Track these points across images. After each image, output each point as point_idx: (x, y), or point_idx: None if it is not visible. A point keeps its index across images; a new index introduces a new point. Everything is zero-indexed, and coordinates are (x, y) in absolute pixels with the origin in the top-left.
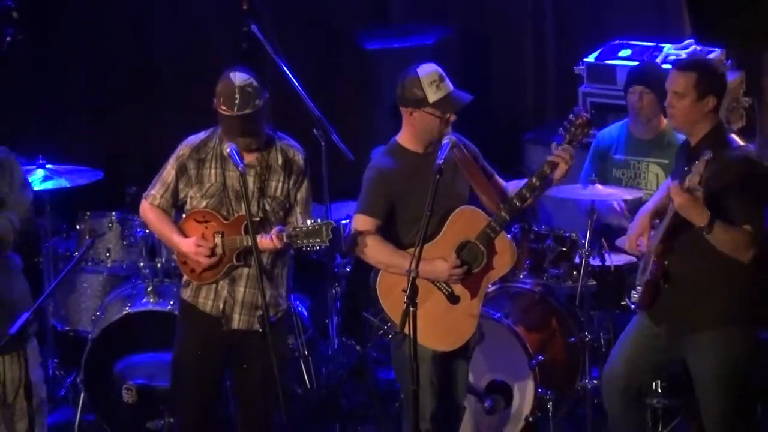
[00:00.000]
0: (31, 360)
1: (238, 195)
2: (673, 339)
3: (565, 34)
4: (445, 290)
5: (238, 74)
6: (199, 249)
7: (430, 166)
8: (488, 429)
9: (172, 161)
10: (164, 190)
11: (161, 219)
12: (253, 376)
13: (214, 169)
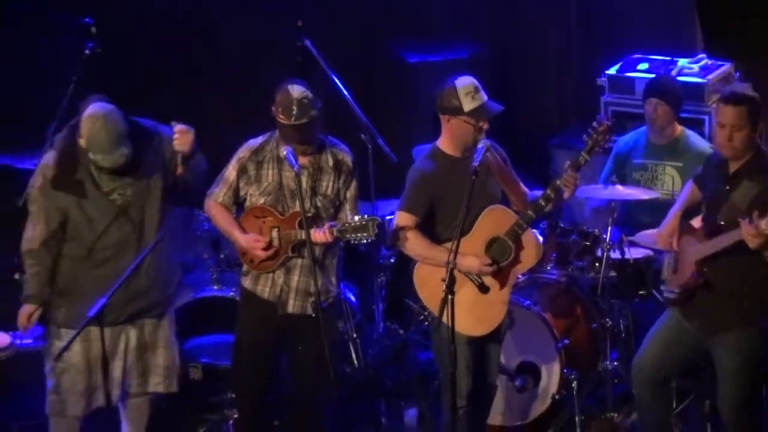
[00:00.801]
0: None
1: (293, 193)
2: (703, 335)
3: (588, 48)
4: (476, 281)
5: (296, 87)
6: (256, 244)
7: (466, 168)
8: (518, 406)
9: (233, 162)
10: (226, 189)
11: (223, 215)
12: (307, 357)
13: (271, 170)
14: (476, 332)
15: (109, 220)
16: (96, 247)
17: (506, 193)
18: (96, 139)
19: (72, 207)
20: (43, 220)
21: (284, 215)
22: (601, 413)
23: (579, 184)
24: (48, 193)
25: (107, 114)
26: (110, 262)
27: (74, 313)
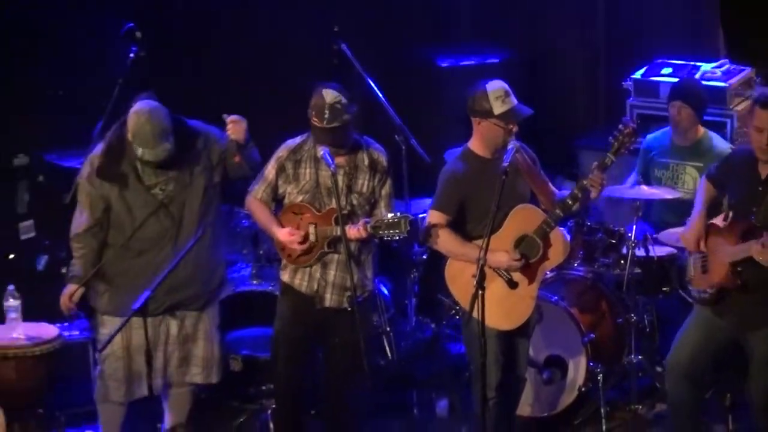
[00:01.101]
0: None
1: (329, 191)
2: (738, 330)
3: (615, 53)
4: (505, 277)
5: (330, 91)
6: (292, 237)
7: (496, 169)
8: (546, 398)
9: (272, 161)
10: (265, 186)
11: (263, 210)
12: (342, 349)
13: (309, 169)
14: (505, 326)
15: (148, 212)
16: (135, 238)
17: (535, 193)
18: (140, 133)
19: (114, 197)
20: (88, 207)
21: (321, 212)
22: (626, 405)
23: (605, 184)
24: (93, 182)
25: (152, 110)
26: (148, 253)
27: (116, 300)
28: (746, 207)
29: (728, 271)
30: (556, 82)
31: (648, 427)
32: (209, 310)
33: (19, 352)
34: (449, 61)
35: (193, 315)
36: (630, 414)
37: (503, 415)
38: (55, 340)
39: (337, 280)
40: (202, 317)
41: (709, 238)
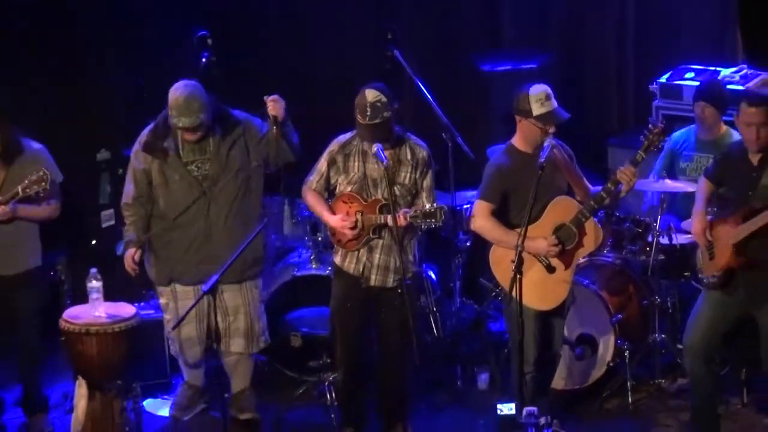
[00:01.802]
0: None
1: (375, 182)
2: (748, 305)
3: (643, 59)
4: (544, 262)
5: (371, 91)
6: (344, 223)
7: (536, 164)
8: (578, 372)
9: (325, 155)
10: (319, 177)
11: (316, 199)
12: (391, 325)
13: (357, 162)
14: (543, 307)
15: (183, 187)
16: (171, 210)
17: (571, 186)
18: (175, 103)
19: (155, 170)
20: (133, 179)
21: (367, 201)
22: (650, 379)
23: (636, 179)
24: (139, 156)
25: (186, 84)
26: (184, 226)
27: (163, 271)
28: (745, 193)
29: (732, 252)
30: (589, 85)
31: (670, 400)
32: (248, 284)
33: (100, 329)
34: (491, 66)
35: (232, 288)
36: (654, 387)
37: (539, 388)
38: (132, 318)
39: (381, 263)
40: (242, 291)
41: (714, 229)
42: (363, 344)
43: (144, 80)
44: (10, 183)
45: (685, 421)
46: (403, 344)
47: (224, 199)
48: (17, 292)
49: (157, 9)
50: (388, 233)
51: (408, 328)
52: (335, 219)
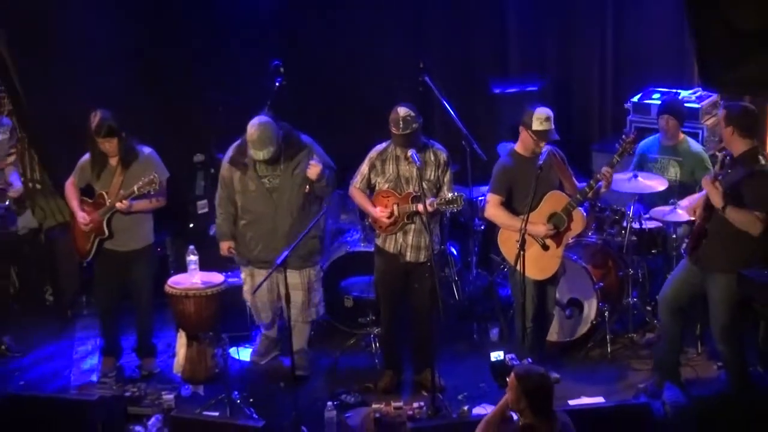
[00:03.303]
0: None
1: (406, 180)
2: (702, 274)
3: (619, 82)
4: (540, 242)
5: (402, 108)
6: (382, 214)
7: (534, 165)
8: (568, 328)
9: (366, 161)
10: (361, 178)
11: (360, 196)
12: (422, 291)
13: (392, 165)
14: (539, 277)
15: (256, 195)
16: (246, 212)
17: (563, 183)
18: (251, 138)
19: (236, 179)
20: (222, 185)
21: (401, 195)
22: (625, 333)
23: (611, 179)
24: (225, 167)
25: (261, 123)
26: (253, 225)
27: (241, 258)
28: None
29: (700, 222)
30: (577, 103)
31: (641, 350)
32: (307, 270)
33: (197, 293)
34: (501, 88)
35: (294, 273)
36: (628, 340)
37: (537, 340)
38: (221, 284)
39: (414, 243)
40: (302, 275)
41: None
42: (400, 306)
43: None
44: (127, 183)
45: (653, 367)
46: (431, 306)
47: (288, 206)
48: (135, 264)
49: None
50: (419, 219)
51: (435, 293)
52: (376, 211)
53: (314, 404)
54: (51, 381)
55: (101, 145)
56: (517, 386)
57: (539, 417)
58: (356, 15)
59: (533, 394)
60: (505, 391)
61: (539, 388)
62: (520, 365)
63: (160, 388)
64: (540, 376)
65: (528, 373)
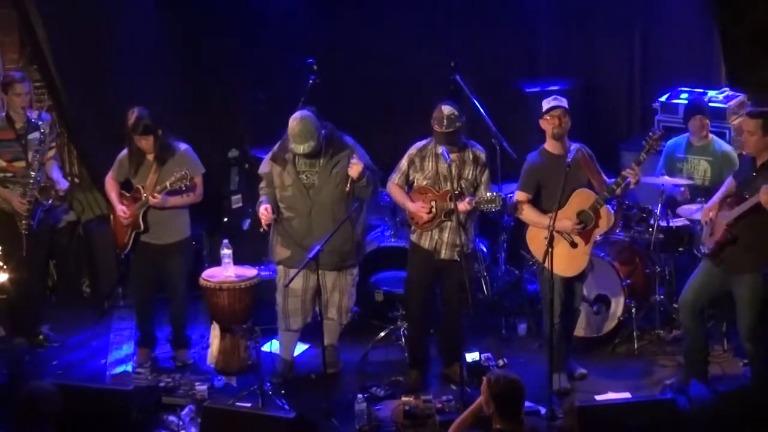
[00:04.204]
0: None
1: (445, 177)
2: (727, 275)
3: (648, 81)
4: (568, 239)
5: (446, 107)
6: (422, 210)
7: (562, 163)
8: (595, 324)
9: (405, 157)
10: (400, 174)
11: (399, 191)
12: (453, 287)
13: (431, 162)
14: (567, 273)
15: (294, 191)
16: (284, 207)
17: (591, 180)
18: (292, 131)
19: (276, 174)
20: (265, 179)
21: (439, 192)
22: (651, 330)
23: (639, 175)
24: (267, 162)
25: (302, 116)
26: (292, 221)
27: (275, 256)
28: (744, 188)
29: (725, 230)
30: (605, 102)
31: (667, 346)
32: (344, 272)
33: (231, 286)
34: (531, 88)
35: (331, 274)
36: (654, 336)
37: (564, 336)
38: (254, 278)
39: (449, 240)
40: (339, 276)
41: (718, 213)
42: (428, 305)
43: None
44: (162, 179)
45: (679, 363)
46: (461, 300)
47: (323, 204)
48: (171, 257)
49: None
50: (455, 217)
51: (465, 288)
52: (415, 206)
53: (344, 396)
54: (88, 370)
55: (138, 141)
56: (486, 390)
57: (506, 421)
58: (389, 15)
59: (500, 398)
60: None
61: (506, 393)
62: (494, 370)
63: (193, 378)
64: (508, 381)
65: (498, 378)
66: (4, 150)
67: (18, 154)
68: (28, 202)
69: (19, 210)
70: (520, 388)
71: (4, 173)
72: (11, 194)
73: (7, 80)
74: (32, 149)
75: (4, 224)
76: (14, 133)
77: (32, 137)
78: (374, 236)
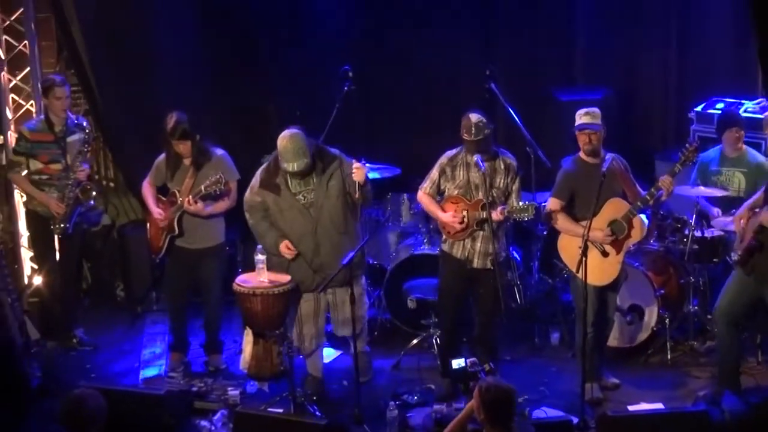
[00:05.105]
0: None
1: (476, 186)
2: (758, 283)
3: (683, 91)
4: (599, 248)
5: (474, 114)
6: (453, 219)
7: (597, 172)
8: (628, 334)
9: (436, 166)
10: (431, 183)
11: (430, 201)
12: (486, 296)
13: (462, 171)
14: (597, 283)
15: (294, 213)
16: (286, 232)
17: (625, 190)
18: (283, 150)
19: (270, 202)
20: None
21: (471, 201)
22: (685, 341)
23: (673, 187)
24: (255, 191)
25: (292, 134)
26: (298, 245)
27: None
28: None
29: (751, 237)
30: (641, 111)
31: (701, 357)
32: (355, 287)
33: (264, 291)
34: (565, 96)
35: (341, 290)
36: (688, 347)
37: (597, 345)
38: (288, 284)
39: (482, 249)
40: (348, 291)
41: (750, 220)
42: (461, 314)
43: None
44: (198, 184)
45: (713, 374)
46: (494, 309)
47: (327, 220)
48: (205, 262)
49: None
50: (487, 226)
51: (498, 297)
52: (447, 216)
53: (376, 403)
54: (120, 374)
55: (176, 146)
56: (477, 397)
57: (497, 429)
58: (424, 23)
59: (490, 406)
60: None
61: (497, 401)
62: (486, 377)
63: (225, 383)
64: (499, 389)
65: (489, 385)
66: (43, 152)
67: (56, 157)
68: (67, 204)
69: (57, 213)
70: (512, 396)
71: (39, 175)
72: (49, 197)
73: (47, 84)
74: (73, 151)
75: (38, 227)
76: (53, 136)
77: (72, 139)
78: (408, 243)
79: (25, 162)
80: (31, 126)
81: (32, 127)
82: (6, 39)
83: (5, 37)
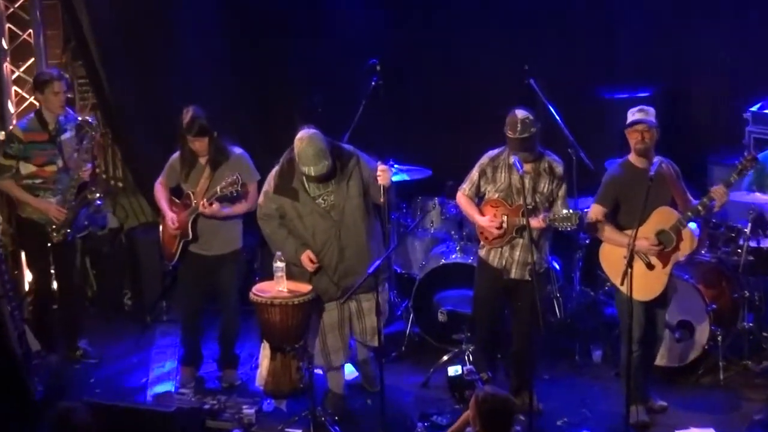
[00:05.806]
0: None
1: (518, 190)
2: None
3: (739, 90)
4: (644, 259)
5: (520, 111)
6: (492, 223)
7: (645, 177)
8: (677, 352)
9: (477, 167)
10: (470, 185)
11: (468, 203)
12: (524, 309)
13: (504, 173)
14: (641, 297)
15: (315, 218)
16: (308, 238)
17: (675, 198)
18: (303, 154)
19: (288, 207)
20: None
21: (512, 206)
22: (739, 360)
23: (727, 197)
24: (271, 199)
25: (311, 135)
26: (320, 252)
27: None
28: None
29: None
30: (691, 111)
31: (756, 378)
32: (378, 294)
33: (282, 301)
34: (610, 94)
35: (366, 296)
36: (742, 367)
37: (643, 365)
38: (308, 294)
39: (521, 258)
40: (372, 299)
41: None
42: (496, 327)
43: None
44: (214, 185)
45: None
46: (532, 323)
47: (350, 222)
48: (221, 269)
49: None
50: (527, 234)
51: (536, 310)
52: (485, 220)
53: (403, 423)
54: (127, 389)
55: (191, 143)
56: (474, 407)
57: None
58: (457, 13)
59: (487, 416)
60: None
61: (494, 411)
62: (484, 387)
63: (240, 401)
64: (497, 400)
65: (486, 395)
66: (38, 153)
67: (52, 158)
68: (69, 209)
69: (57, 219)
70: (510, 407)
71: (33, 179)
72: (47, 203)
73: (45, 78)
74: (67, 151)
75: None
76: (48, 135)
77: (65, 137)
78: (439, 251)
79: (15, 166)
80: (23, 125)
81: (24, 127)
82: (9, 27)
83: (8, 25)
